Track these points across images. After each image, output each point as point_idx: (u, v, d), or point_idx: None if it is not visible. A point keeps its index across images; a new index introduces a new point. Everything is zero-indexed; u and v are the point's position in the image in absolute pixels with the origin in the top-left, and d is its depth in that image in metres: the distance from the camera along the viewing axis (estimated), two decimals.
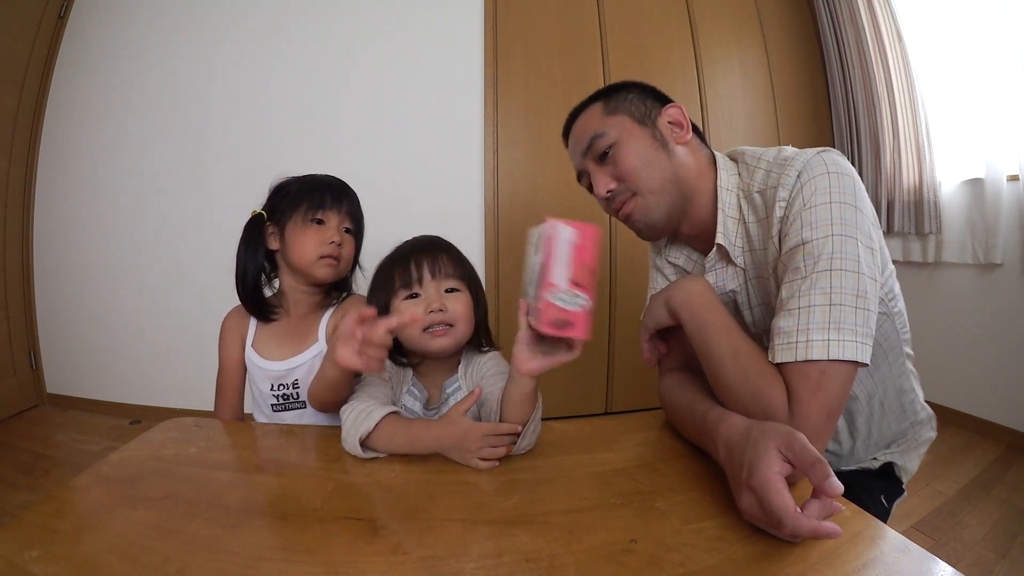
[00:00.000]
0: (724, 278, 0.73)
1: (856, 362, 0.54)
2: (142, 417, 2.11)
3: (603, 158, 0.71)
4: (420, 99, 2.06)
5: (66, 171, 2.17)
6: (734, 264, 0.71)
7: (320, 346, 0.89)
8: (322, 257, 0.85)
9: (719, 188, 0.70)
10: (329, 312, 0.92)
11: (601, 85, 2.05)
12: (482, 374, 0.75)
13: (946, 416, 2.01)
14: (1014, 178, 1.76)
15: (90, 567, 0.42)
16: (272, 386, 0.88)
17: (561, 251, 0.47)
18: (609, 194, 0.72)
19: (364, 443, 0.61)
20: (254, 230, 0.88)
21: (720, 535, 0.45)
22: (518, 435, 0.61)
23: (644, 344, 0.75)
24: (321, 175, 0.92)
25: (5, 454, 1.79)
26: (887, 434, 0.78)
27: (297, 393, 0.88)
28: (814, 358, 0.53)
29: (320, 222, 0.86)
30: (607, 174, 0.71)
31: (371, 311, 0.58)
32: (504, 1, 2.05)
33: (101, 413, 2.16)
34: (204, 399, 0.93)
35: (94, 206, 2.15)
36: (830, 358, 0.53)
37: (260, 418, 0.91)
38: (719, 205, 0.70)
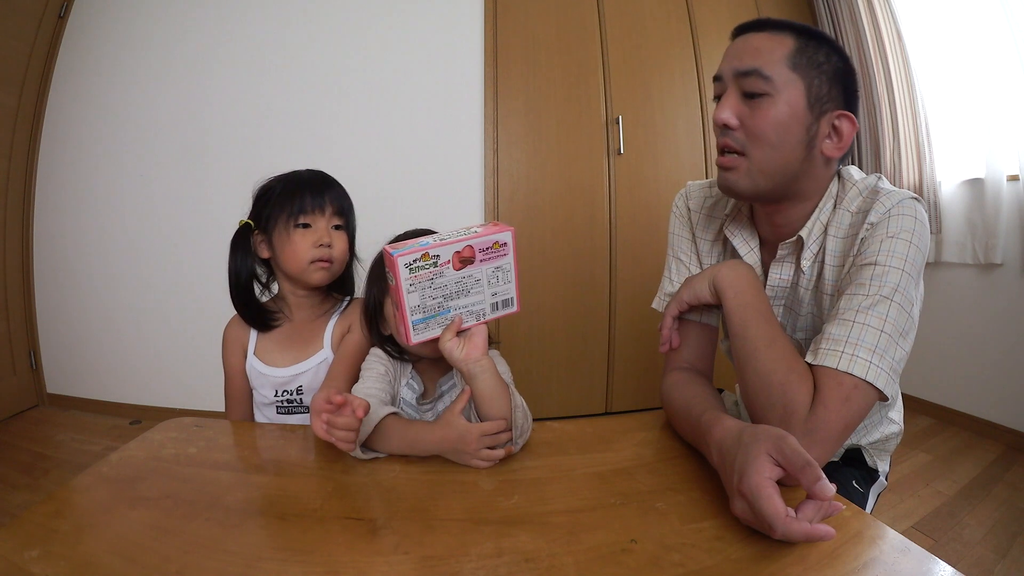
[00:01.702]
0: (788, 274, 0.71)
1: (882, 393, 0.55)
2: (142, 417, 2.11)
3: (750, 96, 0.62)
4: (420, 99, 2.06)
5: (66, 171, 2.17)
6: (800, 265, 0.69)
7: (325, 353, 0.87)
8: (313, 261, 0.83)
9: (826, 193, 0.68)
10: (334, 319, 0.90)
11: (601, 85, 2.09)
12: None
13: (946, 416, 2.01)
14: (1014, 178, 1.76)
15: (90, 567, 0.42)
16: (276, 392, 0.87)
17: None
18: (724, 127, 0.64)
19: (364, 444, 0.61)
20: (242, 240, 0.87)
21: (720, 535, 0.45)
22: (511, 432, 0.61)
23: (668, 319, 0.73)
24: (301, 172, 0.89)
25: (5, 454, 1.79)
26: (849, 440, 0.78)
27: (301, 399, 0.88)
28: (855, 372, 0.54)
29: (306, 226, 0.83)
30: (736, 110, 0.63)
31: (339, 398, 0.55)
32: (504, 1, 2.06)
33: (101, 413, 2.16)
34: (204, 399, 0.93)
35: (94, 206, 2.15)
36: (867, 379, 0.54)
37: (262, 420, 0.91)
38: (819, 205, 0.67)
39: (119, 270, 2.15)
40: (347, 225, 0.88)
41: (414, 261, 0.56)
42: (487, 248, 0.59)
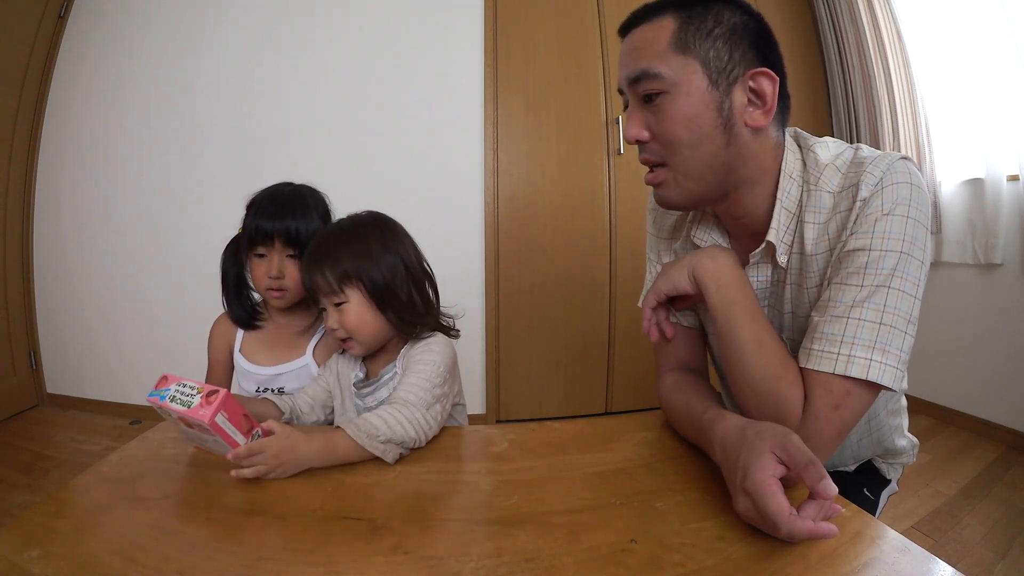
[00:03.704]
0: (765, 275, 0.65)
1: (886, 387, 0.52)
2: (142, 417, 2.10)
3: (648, 98, 0.57)
4: (420, 99, 2.06)
5: (66, 171, 2.17)
6: (777, 264, 0.62)
7: (306, 360, 0.91)
8: (269, 289, 0.86)
9: (782, 174, 0.59)
10: (318, 336, 0.92)
11: (601, 85, 2.09)
12: (405, 365, 0.73)
13: (946, 416, 2.01)
14: (1014, 178, 1.75)
15: (90, 567, 0.42)
16: (257, 388, 0.90)
17: (225, 426, 0.55)
18: (636, 143, 0.59)
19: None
20: (234, 246, 0.90)
21: (720, 535, 0.45)
22: None
23: (647, 311, 0.67)
24: (280, 190, 0.89)
25: (5, 454, 1.79)
26: (862, 455, 0.77)
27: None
28: (853, 374, 0.51)
29: (261, 255, 0.85)
30: (642, 122, 0.58)
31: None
32: (504, 1, 2.06)
33: (101, 413, 2.16)
34: None
35: (94, 206, 2.15)
36: (868, 378, 0.50)
37: None
38: (778, 195, 0.59)
39: (119, 270, 2.15)
40: (302, 253, 0.84)
41: (157, 408, 0.58)
42: (196, 423, 0.56)
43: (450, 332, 0.80)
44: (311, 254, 0.74)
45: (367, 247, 0.73)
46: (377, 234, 0.76)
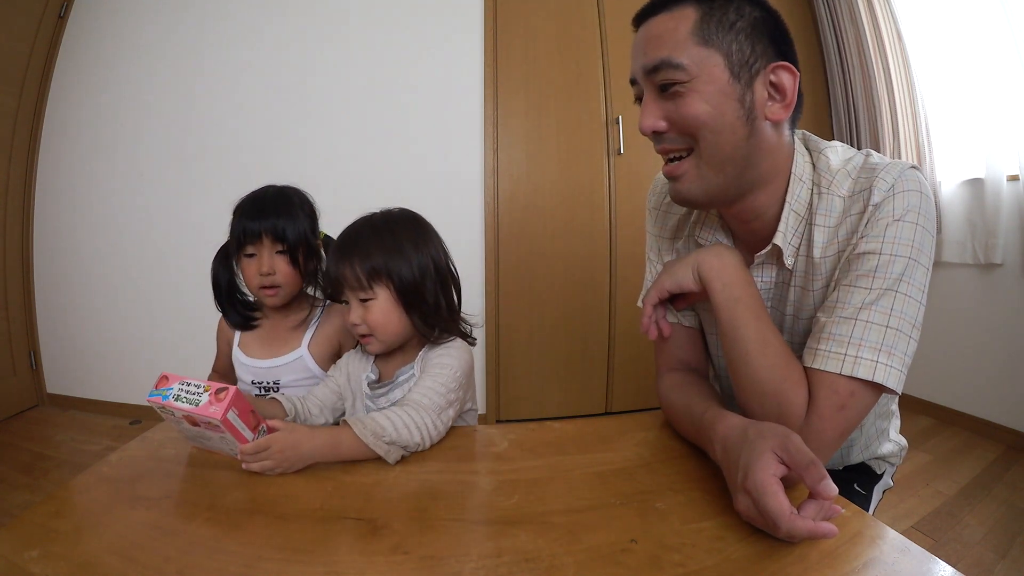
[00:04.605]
0: (770, 276, 0.65)
1: (889, 389, 0.52)
2: (142, 417, 2.11)
3: (665, 88, 0.55)
4: (420, 99, 2.06)
5: (66, 171, 2.17)
6: (783, 265, 0.62)
7: (300, 352, 0.92)
8: (261, 288, 0.86)
9: (792, 176, 0.60)
10: (312, 327, 0.93)
11: (601, 85, 2.09)
12: (422, 368, 0.73)
13: (946, 416, 2.01)
14: (1014, 178, 1.76)
15: (90, 567, 0.42)
16: (253, 380, 0.92)
17: (236, 423, 0.56)
18: (654, 135, 0.58)
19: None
20: (225, 253, 0.91)
21: (720, 535, 0.45)
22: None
23: (648, 309, 0.67)
24: (265, 192, 0.89)
25: (5, 454, 1.79)
26: (850, 458, 0.76)
27: (278, 389, 0.92)
28: (859, 375, 0.51)
29: (251, 255, 0.85)
30: (660, 112, 0.56)
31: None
32: (504, 1, 2.06)
33: (101, 413, 2.16)
34: None
35: (94, 206, 2.15)
36: (874, 380, 0.51)
37: None
38: (787, 197, 0.60)
39: (119, 270, 2.15)
40: (292, 248, 0.86)
41: (159, 408, 0.58)
42: (206, 422, 0.56)
43: (467, 338, 0.79)
44: (340, 245, 0.72)
45: (399, 244, 0.71)
46: (409, 232, 0.74)
